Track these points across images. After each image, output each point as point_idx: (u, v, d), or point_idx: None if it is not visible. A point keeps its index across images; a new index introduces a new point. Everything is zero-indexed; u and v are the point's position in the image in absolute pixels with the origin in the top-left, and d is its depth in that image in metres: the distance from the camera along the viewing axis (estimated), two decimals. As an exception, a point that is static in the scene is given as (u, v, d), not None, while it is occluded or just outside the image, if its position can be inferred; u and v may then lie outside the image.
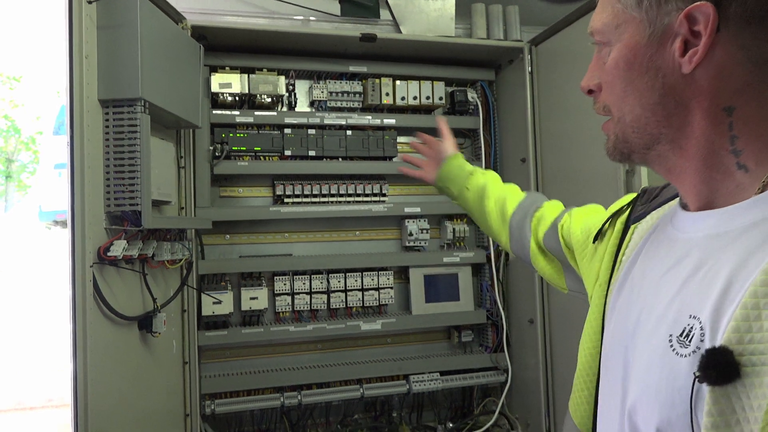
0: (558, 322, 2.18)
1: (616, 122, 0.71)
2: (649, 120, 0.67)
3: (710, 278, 0.60)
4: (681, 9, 0.62)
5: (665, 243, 0.72)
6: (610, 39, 0.69)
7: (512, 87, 2.37)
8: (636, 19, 0.66)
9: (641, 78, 0.66)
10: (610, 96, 0.71)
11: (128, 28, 1.46)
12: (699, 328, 0.58)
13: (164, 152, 1.74)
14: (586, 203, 1.98)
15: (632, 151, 0.71)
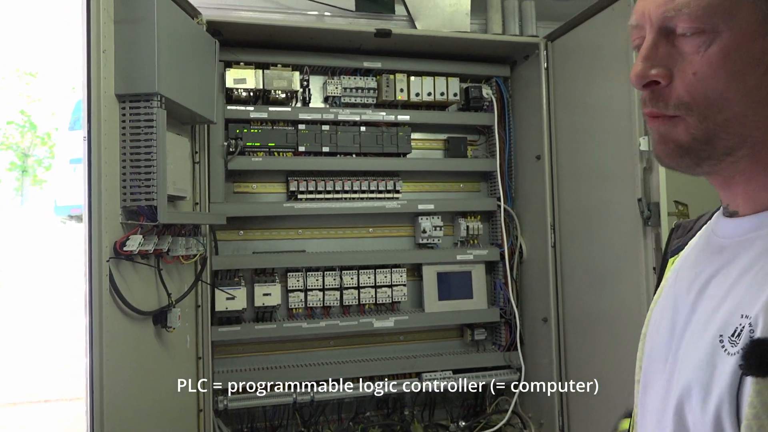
0: (572, 321, 2.16)
1: (701, 119, 0.62)
2: (747, 120, 0.60)
3: (762, 276, 0.58)
4: None
5: (709, 251, 0.70)
6: (714, 25, 0.59)
7: (528, 83, 2.35)
8: (750, 4, 0.59)
9: (753, 72, 0.59)
10: (699, 90, 0.61)
11: (145, 23, 1.46)
12: (748, 324, 0.57)
13: (180, 147, 1.75)
14: (602, 201, 1.97)
15: (710, 156, 0.63)
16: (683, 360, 0.66)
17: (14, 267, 9.90)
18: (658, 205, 1.72)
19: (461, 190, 2.50)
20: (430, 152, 2.47)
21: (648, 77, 0.63)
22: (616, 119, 1.86)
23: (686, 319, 0.68)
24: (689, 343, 0.65)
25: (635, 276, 1.78)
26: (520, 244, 2.41)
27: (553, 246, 2.22)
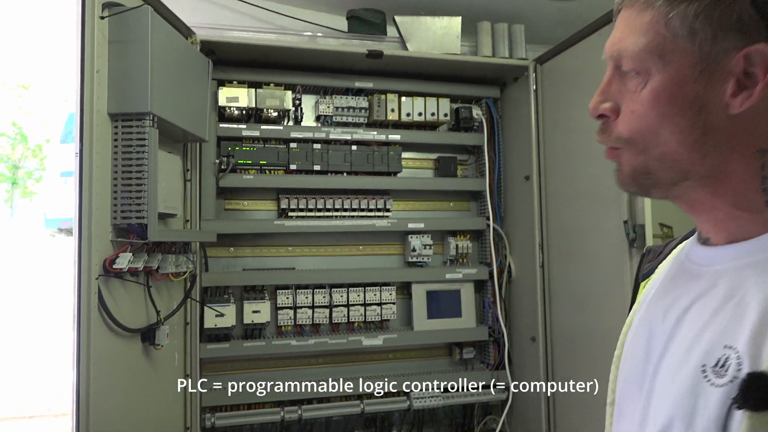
0: (560, 341, 2.18)
1: (637, 153, 0.66)
2: (682, 157, 0.64)
3: (743, 308, 0.60)
4: (738, 48, 0.59)
5: (685, 277, 0.71)
6: (648, 67, 0.64)
7: (517, 104, 2.39)
8: (686, 50, 0.62)
9: (683, 113, 0.63)
10: (637, 126, 0.66)
11: (139, 43, 1.48)
12: (736, 357, 0.58)
13: (171, 165, 1.76)
14: (589, 222, 2.00)
15: (655, 185, 0.68)
16: (662, 389, 0.66)
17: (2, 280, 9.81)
18: (643, 227, 1.74)
19: (451, 209, 2.53)
20: (420, 171, 2.49)
21: (599, 111, 0.69)
22: (603, 142, 1.89)
23: (664, 346, 0.69)
24: (668, 371, 0.66)
25: (621, 297, 1.80)
26: (508, 263, 2.43)
27: (542, 266, 2.24)
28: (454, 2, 2.27)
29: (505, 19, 2.37)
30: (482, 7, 2.31)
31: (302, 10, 2.33)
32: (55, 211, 8.19)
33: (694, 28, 0.61)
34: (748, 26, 0.59)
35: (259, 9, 2.28)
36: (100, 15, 1.42)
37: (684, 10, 0.61)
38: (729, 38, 0.60)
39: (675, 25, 0.62)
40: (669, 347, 0.68)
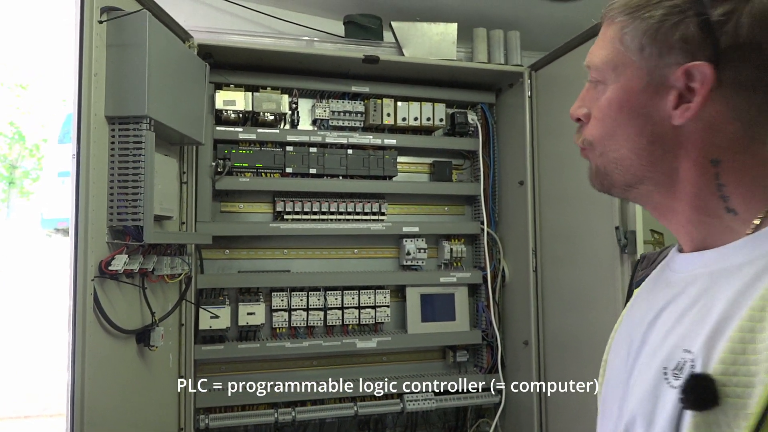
0: (552, 345, 2.19)
1: (598, 155, 0.72)
2: (633, 162, 0.69)
3: (704, 314, 0.62)
4: (680, 64, 0.63)
5: (663, 283, 0.74)
6: (606, 78, 0.70)
7: (512, 110, 2.41)
8: (635, 64, 0.67)
9: (632, 122, 0.68)
10: (597, 131, 0.72)
11: (137, 47, 1.50)
12: (690, 360, 0.60)
13: (167, 168, 1.78)
14: (582, 228, 2.02)
15: (612, 185, 0.73)
16: (632, 390, 0.69)
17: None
18: (634, 234, 1.76)
19: (446, 213, 2.55)
20: (415, 176, 2.51)
21: (575, 115, 0.76)
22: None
23: (638, 349, 0.72)
24: (638, 373, 0.69)
25: (613, 302, 1.82)
26: (502, 267, 2.45)
27: (535, 270, 2.26)
28: (451, 9, 2.30)
29: (501, 25, 2.39)
30: (478, 13, 2.33)
31: (300, 15, 2.36)
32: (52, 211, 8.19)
33: (642, 44, 0.65)
34: (692, 44, 0.62)
35: (257, 13, 2.30)
36: (98, 19, 1.44)
37: (635, 27, 0.66)
38: (672, 55, 0.64)
39: (627, 41, 0.67)
40: (641, 351, 0.71)
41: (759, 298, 0.57)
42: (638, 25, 0.66)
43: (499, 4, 2.25)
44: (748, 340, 0.56)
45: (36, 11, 4.47)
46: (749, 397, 0.54)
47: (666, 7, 0.64)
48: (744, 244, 0.63)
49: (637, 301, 0.80)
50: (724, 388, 0.56)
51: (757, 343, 0.55)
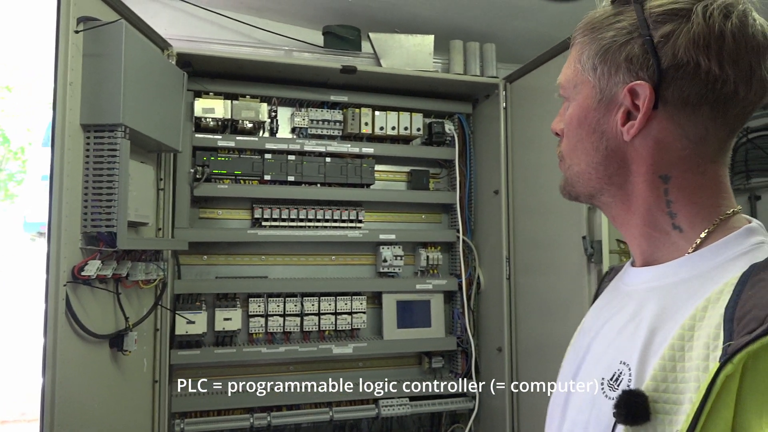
0: (524, 351, 2.23)
1: (566, 167, 0.77)
2: (591, 176, 0.73)
3: (640, 328, 0.66)
4: (626, 83, 0.67)
5: (613, 295, 0.78)
6: (570, 95, 0.74)
7: (488, 121, 2.46)
8: (590, 82, 0.71)
9: (589, 137, 0.72)
10: (565, 145, 0.76)
11: (113, 56, 1.53)
12: (628, 373, 0.63)
13: (143, 175, 1.80)
14: (553, 236, 2.06)
15: (578, 195, 0.78)
16: (573, 399, 0.73)
17: (-21, 283, 9.67)
18: (600, 243, 1.81)
19: (422, 221, 2.58)
20: (393, 184, 2.55)
21: (554, 129, 0.80)
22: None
23: (581, 358, 0.75)
24: (581, 382, 0.73)
25: (580, 309, 1.86)
26: (478, 275, 2.49)
27: (508, 278, 2.30)
28: (428, 21, 2.34)
29: (477, 38, 2.44)
30: (455, 26, 2.38)
31: (280, 25, 2.39)
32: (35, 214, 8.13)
33: (595, 64, 0.70)
34: (636, 64, 0.66)
35: (238, 23, 2.33)
36: (74, 29, 1.46)
37: (590, 48, 0.71)
38: (620, 74, 0.68)
39: (584, 60, 0.71)
40: (584, 360, 0.75)
41: (689, 318, 0.60)
42: (592, 46, 0.70)
43: (475, 17, 2.30)
44: (678, 358, 0.59)
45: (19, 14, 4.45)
46: (677, 413, 0.57)
47: (616, 29, 0.68)
48: (683, 263, 0.67)
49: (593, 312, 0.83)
50: (655, 404, 0.58)
51: (685, 362, 0.58)
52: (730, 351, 0.53)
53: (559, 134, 0.79)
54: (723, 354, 0.54)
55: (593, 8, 0.74)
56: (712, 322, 0.58)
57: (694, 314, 0.60)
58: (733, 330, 0.55)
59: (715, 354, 0.55)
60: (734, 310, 0.56)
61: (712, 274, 0.64)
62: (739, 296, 0.57)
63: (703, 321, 0.59)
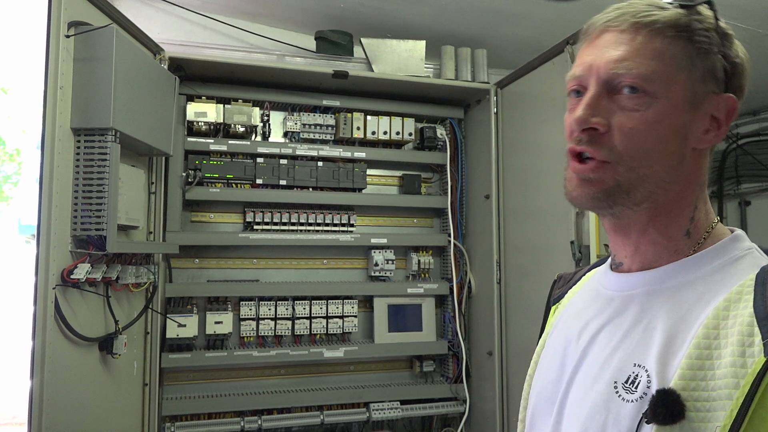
0: (515, 355, 2.24)
1: (625, 170, 0.68)
2: (660, 179, 0.69)
3: (651, 330, 0.67)
4: (716, 92, 0.69)
5: (597, 301, 0.78)
6: (656, 91, 0.67)
7: (479, 126, 2.47)
8: (685, 84, 0.68)
9: (673, 140, 0.68)
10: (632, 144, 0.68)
11: (104, 61, 1.53)
12: (645, 375, 0.64)
13: (134, 178, 1.80)
14: (542, 241, 2.08)
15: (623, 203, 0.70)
16: (574, 404, 0.72)
17: (-26, 285, 9.64)
18: (588, 248, 1.82)
19: (414, 225, 2.60)
20: (385, 188, 2.56)
21: (589, 123, 0.69)
22: (556, 163, 1.97)
23: (576, 364, 0.75)
24: (581, 388, 0.72)
25: (568, 314, 1.87)
26: (469, 279, 2.50)
27: (499, 282, 2.31)
28: (420, 26, 2.36)
29: (469, 43, 2.45)
30: (446, 31, 2.39)
31: (272, 30, 2.40)
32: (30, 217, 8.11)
33: (694, 64, 0.69)
34: (722, 77, 0.69)
35: (231, 27, 2.34)
36: (65, 33, 1.47)
37: (684, 46, 0.69)
38: (710, 82, 0.69)
39: (680, 59, 0.68)
40: (581, 365, 0.74)
41: (712, 317, 0.63)
42: (688, 47, 0.68)
43: (467, 23, 2.31)
44: (705, 357, 0.61)
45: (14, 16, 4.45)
46: (712, 410, 0.58)
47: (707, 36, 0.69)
48: (681, 267, 0.70)
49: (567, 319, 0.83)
50: (686, 402, 0.59)
51: (714, 359, 0.60)
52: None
53: (597, 129, 0.69)
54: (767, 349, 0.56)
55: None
56: (741, 320, 0.60)
57: (716, 314, 0.63)
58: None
59: (752, 350, 0.58)
60: (765, 308, 0.59)
61: (715, 277, 0.67)
62: (764, 296, 0.61)
63: (728, 320, 0.62)
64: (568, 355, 0.77)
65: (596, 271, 0.85)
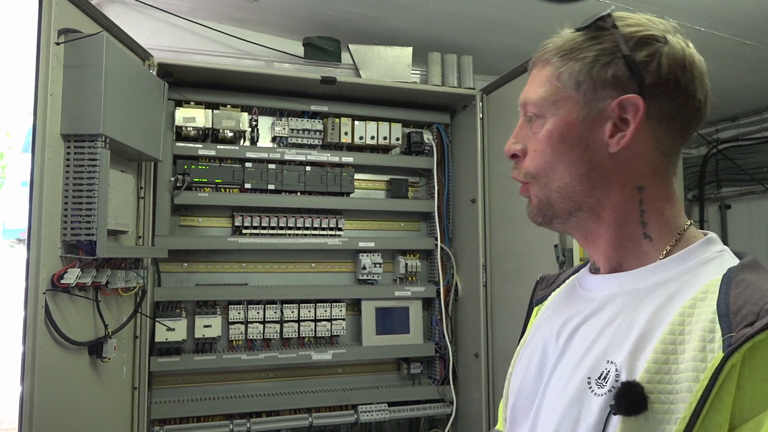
0: (501, 357, 2.28)
1: (541, 187, 0.77)
2: (575, 189, 0.75)
3: (624, 328, 0.70)
4: (614, 97, 0.72)
5: (576, 302, 0.81)
6: (545, 112, 0.76)
7: (465, 131, 2.51)
8: (573, 98, 0.74)
9: (572, 151, 0.74)
10: (538, 163, 0.77)
11: (94, 68, 1.55)
12: (615, 370, 0.67)
13: (123, 184, 1.82)
14: (527, 245, 2.12)
15: (555, 216, 0.78)
16: (551, 399, 0.75)
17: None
18: (572, 251, 1.87)
19: (402, 229, 2.63)
20: (372, 192, 2.59)
21: (511, 150, 0.81)
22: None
23: (555, 361, 0.78)
24: (558, 383, 0.75)
25: (552, 316, 1.91)
26: (455, 282, 2.54)
27: (485, 285, 2.35)
28: (407, 33, 2.39)
29: (455, 50, 2.49)
30: (433, 38, 2.43)
31: (261, 35, 2.43)
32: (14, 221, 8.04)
33: (579, 81, 0.74)
34: (623, 81, 0.72)
35: (220, 33, 2.36)
36: (55, 41, 1.48)
37: (571, 67, 0.74)
38: (606, 89, 0.73)
39: (564, 79, 0.75)
40: (559, 363, 0.77)
41: (678, 314, 0.66)
42: (573, 65, 0.74)
43: (453, 30, 2.35)
44: (671, 351, 0.64)
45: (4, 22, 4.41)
46: (674, 402, 0.61)
47: (597, 50, 0.73)
48: (656, 268, 0.73)
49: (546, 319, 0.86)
50: (650, 394, 0.63)
51: (678, 354, 0.63)
52: (734, 341, 0.59)
53: (518, 155, 0.80)
54: (726, 345, 0.60)
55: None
56: (705, 317, 0.64)
57: (682, 311, 0.66)
58: (731, 323, 0.61)
59: (713, 345, 0.61)
60: (727, 306, 0.63)
61: (685, 277, 0.70)
62: (727, 294, 0.64)
63: (693, 317, 0.65)
64: (547, 354, 0.81)
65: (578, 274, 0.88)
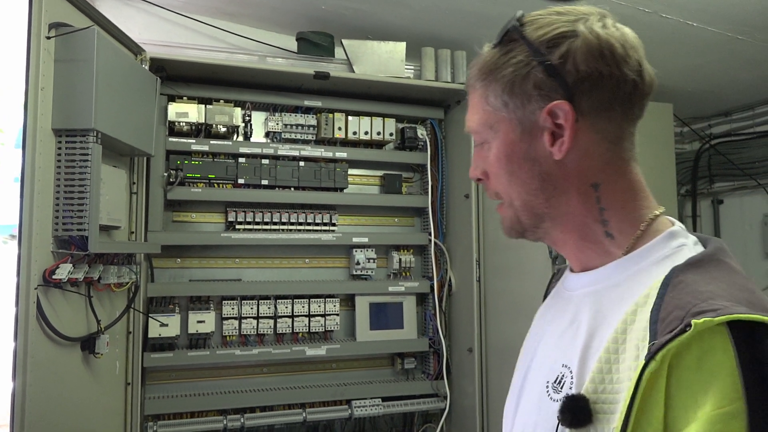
0: (494, 352, 2.29)
1: (508, 206, 0.77)
2: (534, 203, 0.74)
3: (578, 331, 0.70)
4: (542, 107, 0.70)
5: (555, 300, 0.83)
6: (486, 137, 0.76)
7: (459, 126, 2.51)
8: (506, 118, 0.73)
9: (521, 168, 0.73)
10: (499, 184, 0.77)
11: (85, 62, 1.54)
12: (570, 376, 0.67)
13: (116, 179, 1.81)
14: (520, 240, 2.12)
15: (525, 230, 0.78)
16: (523, 402, 0.77)
17: (-51, 287, 9.49)
18: (564, 246, 1.87)
19: (395, 224, 2.63)
20: (366, 188, 2.59)
21: (474, 176, 0.81)
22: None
23: (528, 363, 0.79)
24: (529, 385, 0.77)
25: (545, 310, 1.92)
26: (449, 277, 2.54)
27: (478, 280, 2.35)
28: (400, 28, 2.39)
29: (448, 45, 2.49)
30: (427, 33, 2.43)
31: (254, 30, 2.42)
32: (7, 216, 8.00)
33: (505, 101, 0.73)
34: (546, 88, 0.70)
35: (212, 28, 2.35)
36: (46, 35, 1.47)
37: (495, 89, 0.73)
38: (532, 102, 0.71)
39: (492, 101, 0.74)
40: (531, 365, 0.79)
41: (621, 321, 0.65)
42: (496, 85, 0.73)
43: (447, 25, 2.35)
44: (612, 360, 0.63)
45: (-5, 14, 4.33)
46: (614, 413, 0.61)
47: (513, 64, 0.72)
48: (614, 268, 0.72)
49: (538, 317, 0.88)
50: (595, 405, 0.62)
51: (620, 363, 0.63)
52: (652, 350, 0.58)
53: (482, 179, 0.80)
54: (648, 353, 0.58)
55: None
56: (641, 324, 0.62)
57: (625, 318, 0.65)
58: (657, 330, 0.59)
59: (642, 353, 0.60)
60: (658, 312, 0.61)
61: (639, 277, 0.68)
62: (662, 299, 0.62)
63: (633, 324, 0.63)
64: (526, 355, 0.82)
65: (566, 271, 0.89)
